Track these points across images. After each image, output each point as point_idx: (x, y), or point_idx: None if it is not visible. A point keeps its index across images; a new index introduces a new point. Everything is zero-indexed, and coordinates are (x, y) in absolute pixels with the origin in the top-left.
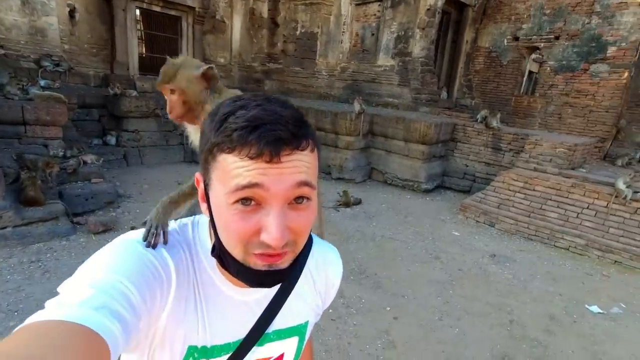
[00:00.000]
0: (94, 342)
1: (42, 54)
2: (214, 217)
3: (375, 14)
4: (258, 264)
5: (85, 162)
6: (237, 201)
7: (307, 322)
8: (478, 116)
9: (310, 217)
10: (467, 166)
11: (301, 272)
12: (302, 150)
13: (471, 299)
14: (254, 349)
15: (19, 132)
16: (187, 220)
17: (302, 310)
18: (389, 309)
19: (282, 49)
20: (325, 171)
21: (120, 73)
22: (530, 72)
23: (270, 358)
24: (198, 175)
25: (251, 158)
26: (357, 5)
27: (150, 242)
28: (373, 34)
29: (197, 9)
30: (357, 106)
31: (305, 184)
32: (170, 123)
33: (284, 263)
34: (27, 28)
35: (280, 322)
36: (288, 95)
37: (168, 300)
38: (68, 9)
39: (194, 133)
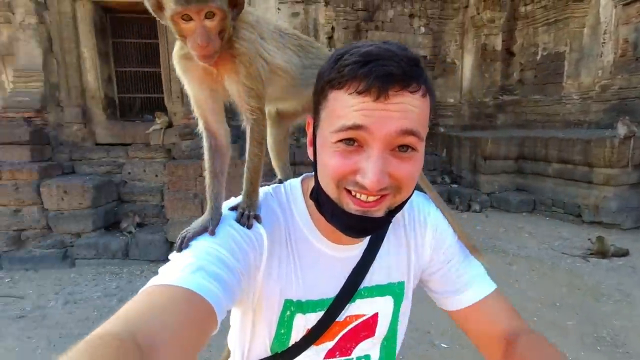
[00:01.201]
0: (194, 301)
1: None
2: (317, 156)
3: None
4: (351, 207)
5: None
6: (340, 140)
7: (402, 282)
8: None
9: (414, 169)
10: None
11: (388, 226)
12: (412, 92)
13: None
14: (348, 306)
15: None
16: (280, 184)
17: (395, 267)
18: None
19: (519, 79)
20: (572, 212)
21: None
22: None
23: (363, 316)
24: (309, 118)
25: (359, 93)
26: (624, 5)
27: (245, 224)
28: None
29: (427, 57)
30: (622, 129)
31: (411, 132)
32: None
33: (379, 211)
34: None
35: (370, 278)
36: (526, 128)
37: (262, 261)
38: None
39: (229, 80)
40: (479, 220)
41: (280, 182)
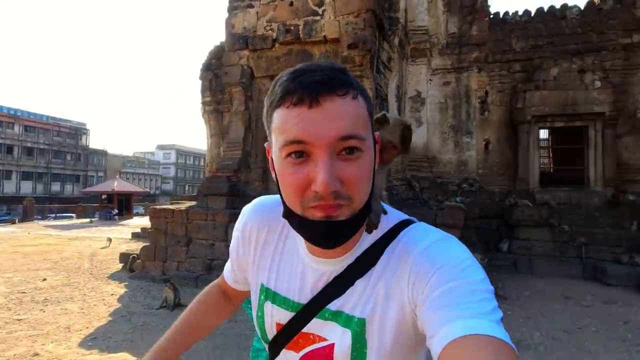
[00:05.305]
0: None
1: (462, 179)
2: (277, 176)
3: None
4: (316, 215)
5: None
6: (288, 155)
7: (362, 320)
8: None
9: (362, 168)
10: None
11: (376, 255)
12: (341, 95)
13: None
14: (313, 320)
15: None
16: None
17: (364, 301)
18: None
19: None
20: None
21: (520, 188)
22: None
23: (325, 341)
24: (267, 145)
25: (294, 105)
26: None
27: None
28: None
29: (607, 113)
30: None
31: (350, 136)
32: (565, 234)
33: (340, 216)
34: (456, 162)
35: (340, 303)
36: None
37: (249, 252)
38: (484, 143)
39: None
40: None
41: None
